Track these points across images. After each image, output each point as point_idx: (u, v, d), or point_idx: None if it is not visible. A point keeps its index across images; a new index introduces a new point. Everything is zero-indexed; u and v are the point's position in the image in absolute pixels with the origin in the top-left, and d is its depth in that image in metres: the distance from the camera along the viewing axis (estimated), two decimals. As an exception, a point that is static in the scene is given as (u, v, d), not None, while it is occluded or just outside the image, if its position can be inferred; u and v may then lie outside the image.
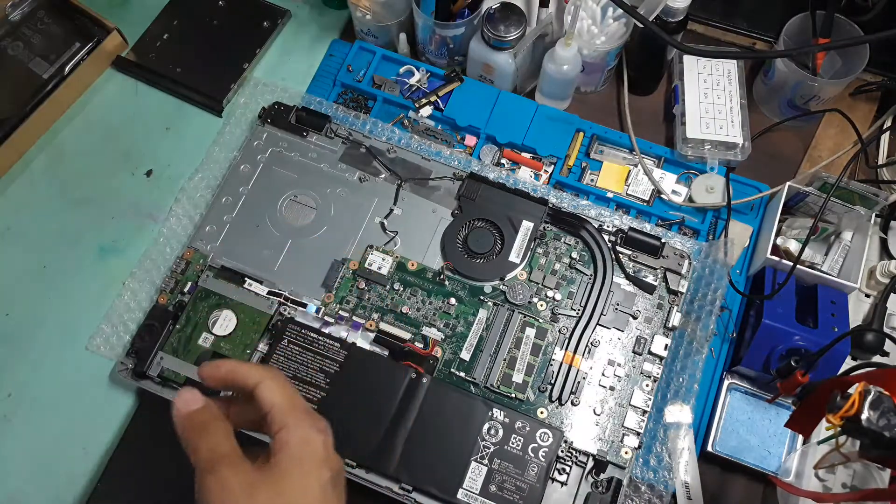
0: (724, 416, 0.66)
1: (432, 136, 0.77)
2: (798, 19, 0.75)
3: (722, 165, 0.74)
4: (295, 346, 0.65)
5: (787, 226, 0.71)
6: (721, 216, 0.73)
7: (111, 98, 0.82)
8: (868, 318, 0.69)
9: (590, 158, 0.77)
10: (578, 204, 0.71)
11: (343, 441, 0.61)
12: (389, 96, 0.79)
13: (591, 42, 0.76)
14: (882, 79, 0.79)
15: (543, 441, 0.61)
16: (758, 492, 0.66)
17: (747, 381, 0.67)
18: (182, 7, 0.87)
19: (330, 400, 0.63)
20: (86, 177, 0.78)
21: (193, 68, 0.83)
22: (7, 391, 0.69)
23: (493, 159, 0.76)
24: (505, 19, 0.73)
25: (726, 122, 0.75)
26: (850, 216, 0.69)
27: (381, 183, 0.72)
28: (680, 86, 0.77)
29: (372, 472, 0.61)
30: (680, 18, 0.73)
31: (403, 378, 0.63)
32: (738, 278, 0.71)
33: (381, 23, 0.79)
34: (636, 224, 0.70)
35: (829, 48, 0.76)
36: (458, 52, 0.80)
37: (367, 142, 0.73)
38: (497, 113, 0.77)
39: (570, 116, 0.78)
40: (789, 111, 0.78)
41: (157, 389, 0.65)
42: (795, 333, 0.62)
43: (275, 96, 0.77)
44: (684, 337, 0.66)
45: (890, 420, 0.42)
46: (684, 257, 0.68)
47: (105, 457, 0.67)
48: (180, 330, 0.66)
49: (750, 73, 0.81)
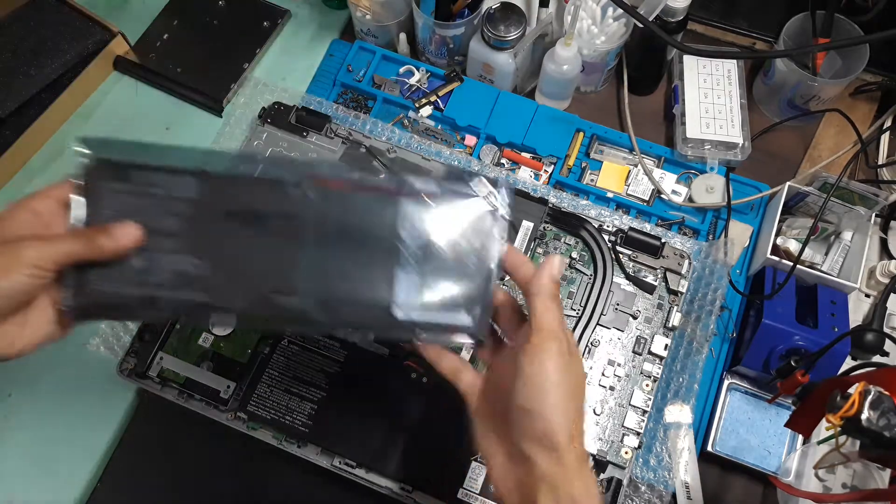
0: (724, 416, 0.66)
1: (432, 136, 0.77)
2: (798, 19, 0.75)
3: (722, 165, 0.74)
4: (295, 346, 0.65)
5: (787, 226, 0.71)
6: (721, 216, 0.73)
7: (111, 98, 0.82)
8: (868, 318, 0.69)
9: (590, 158, 0.77)
10: (578, 204, 0.71)
11: (343, 441, 0.62)
12: (389, 96, 0.79)
13: (591, 42, 0.76)
14: (882, 79, 0.78)
15: (543, 441, 0.61)
16: (758, 492, 0.66)
17: (747, 381, 0.67)
18: (182, 7, 0.87)
19: (330, 400, 0.63)
20: (86, 177, 0.78)
21: (193, 68, 0.83)
22: (7, 391, 0.69)
23: (493, 159, 0.76)
24: (505, 19, 0.73)
25: (726, 122, 0.75)
26: (850, 216, 0.69)
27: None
28: (680, 86, 0.77)
29: (372, 472, 0.61)
30: (680, 18, 0.73)
31: (403, 378, 0.63)
32: (738, 278, 0.71)
33: (381, 23, 0.79)
34: (636, 224, 0.70)
35: (829, 48, 0.76)
36: (458, 52, 0.80)
37: (367, 142, 0.73)
38: (497, 113, 0.77)
39: (570, 116, 0.78)
40: (789, 111, 0.78)
41: (157, 389, 0.65)
42: (795, 333, 0.62)
43: (275, 96, 0.77)
44: (684, 337, 0.66)
45: (890, 420, 0.42)
46: (684, 257, 0.68)
47: (105, 457, 0.67)
48: (180, 330, 0.66)
49: (750, 73, 0.81)
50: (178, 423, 0.67)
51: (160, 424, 0.68)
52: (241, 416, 0.63)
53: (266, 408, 0.63)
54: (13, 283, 0.39)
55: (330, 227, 0.45)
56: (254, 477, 0.67)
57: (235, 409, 0.63)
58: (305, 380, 0.63)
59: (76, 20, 0.80)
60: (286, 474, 0.66)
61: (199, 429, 0.65)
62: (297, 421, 0.62)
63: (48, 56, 0.78)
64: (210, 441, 0.67)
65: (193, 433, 0.67)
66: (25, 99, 0.77)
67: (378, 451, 0.61)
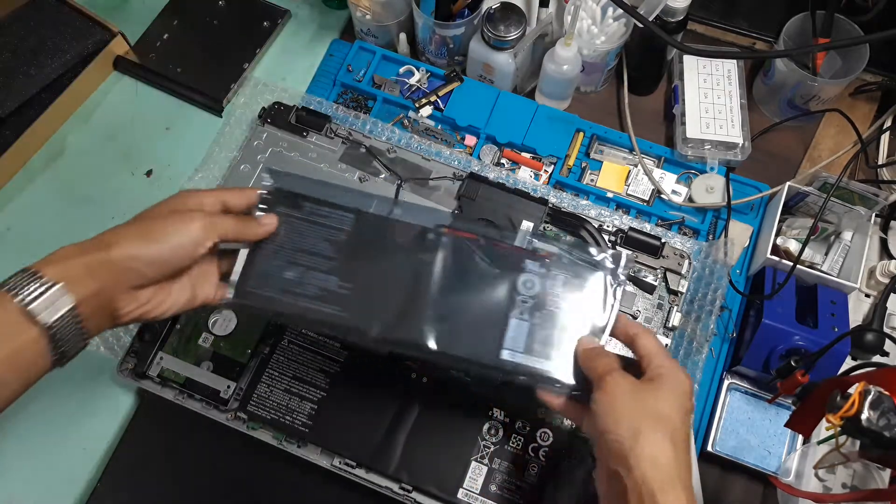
0: (724, 416, 0.66)
1: (432, 136, 0.77)
2: (798, 19, 0.75)
3: (722, 165, 0.74)
4: (295, 346, 0.65)
5: (787, 226, 0.71)
6: (721, 216, 0.73)
7: (111, 98, 0.82)
8: (868, 318, 0.69)
9: (590, 158, 0.77)
10: (578, 204, 0.71)
11: (343, 441, 0.62)
12: (389, 96, 0.79)
13: (591, 42, 0.76)
14: (882, 79, 0.78)
15: (543, 441, 0.61)
16: (758, 492, 0.66)
17: (747, 381, 0.67)
18: (182, 7, 0.87)
19: (330, 400, 0.63)
20: (86, 177, 0.78)
21: (193, 68, 0.83)
22: (7, 391, 0.69)
23: (493, 159, 0.76)
24: (505, 19, 0.73)
25: (726, 122, 0.75)
26: (850, 216, 0.69)
27: (381, 183, 0.72)
28: (680, 86, 0.77)
29: (372, 472, 0.61)
30: (680, 18, 0.73)
31: (403, 378, 0.63)
32: (738, 278, 0.71)
33: (381, 23, 0.79)
34: (636, 224, 0.70)
35: (829, 48, 0.76)
36: (458, 52, 0.80)
37: (367, 142, 0.73)
38: (497, 113, 0.77)
39: (570, 116, 0.78)
40: (789, 111, 0.78)
41: (157, 389, 0.65)
42: (795, 333, 0.62)
43: (275, 96, 0.77)
44: (684, 337, 0.66)
45: (890, 420, 0.42)
46: (684, 257, 0.68)
47: (105, 457, 0.67)
48: (180, 330, 0.66)
49: (750, 73, 0.81)
50: (178, 423, 0.67)
51: (160, 424, 0.68)
52: (241, 416, 0.63)
53: (266, 408, 0.63)
54: (187, 236, 0.48)
55: (455, 271, 0.52)
56: (254, 477, 0.67)
57: (235, 409, 0.63)
58: (305, 380, 0.63)
59: (76, 20, 0.80)
60: (286, 474, 0.66)
61: (199, 429, 0.65)
62: (297, 421, 0.62)
63: (48, 56, 0.78)
64: (210, 441, 0.67)
65: (193, 433, 0.67)
66: (25, 99, 0.77)
67: (378, 451, 0.61)
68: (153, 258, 0.47)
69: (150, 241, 0.47)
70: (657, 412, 0.46)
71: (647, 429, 0.45)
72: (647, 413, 0.46)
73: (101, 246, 0.46)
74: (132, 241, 0.47)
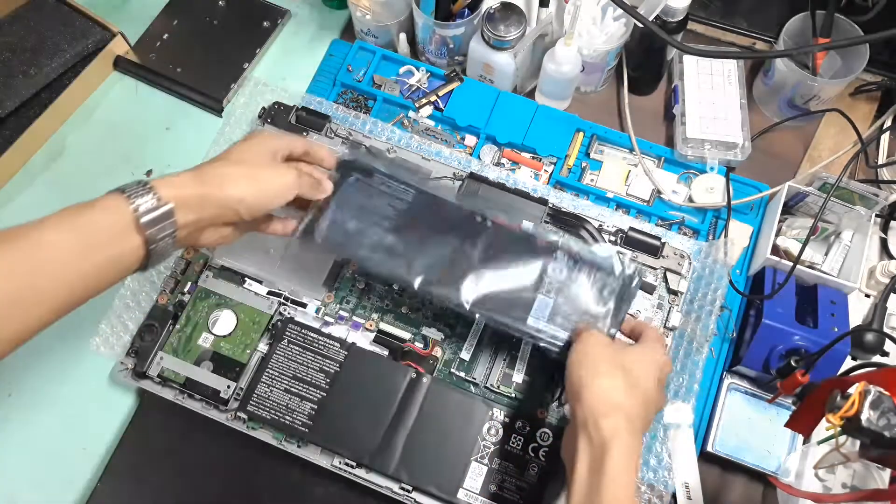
0: (724, 416, 0.66)
1: (432, 136, 0.77)
2: (798, 19, 0.75)
3: (722, 165, 0.74)
4: (295, 346, 0.65)
5: (787, 226, 0.71)
6: (721, 216, 0.73)
7: (111, 98, 0.82)
8: (868, 318, 0.69)
9: (590, 158, 0.77)
10: (578, 204, 0.71)
11: (343, 441, 0.62)
12: (389, 96, 0.79)
13: (591, 42, 0.76)
14: (882, 79, 0.79)
15: (543, 441, 0.61)
16: (758, 492, 0.66)
17: (747, 381, 0.67)
18: (182, 7, 0.87)
19: (330, 400, 0.63)
20: (85, 176, 0.78)
21: (193, 68, 0.83)
22: (7, 391, 0.69)
23: (493, 159, 0.76)
24: (505, 19, 0.73)
25: (726, 122, 0.75)
26: (850, 216, 0.69)
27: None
28: (680, 86, 0.77)
29: (372, 472, 0.61)
30: (680, 18, 0.73)
31: (403, 378, 0.63)
32: (738, 278, 0.71)
33: (381, 23, 0.79)
34: (636, 224, 0.70)
35: (829, 48, 0.76)
36: (458, 52, 0.80)
37: (367, 142, 0.73)
38: (497, 113, 0.77)
39: (570, 116, 0.78)
40: (789, 111, 0.78)
41: (157, 389, 0.65)
42: (795, 333, 0.62)
43: (275, 96, 0.77)
44: (684, 337, 0.66)
45: (890, 420, 0.42)
46: (684, 257, 0.68)
47: (105, 457, 0.67)
48: (180, 330, 0.66)
49: (750, 73, 0.81)
50: (178, 423, 0.67)
51: (160, 424, 0.68)
52: (241, 416, 0.63)
53: (266, 408, 0.63)
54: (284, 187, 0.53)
55: (496, 250, 0.60)
56: (254, 477, 0.67)
57: (235, 409, 0.63)
58: (305, 380, 0.63)
59: (76, 20, 0.80)
60: (286, 474, 0.66)
61: (199, 429, 0.65)
62: (297, 421, 0.62)
63: (48, 56, 0.78)
64: (210, 441, 0.67)
65: (193, 433, 0.67)
66: (25, 99, 0.77)
67: (378, 451, 0.61)
68: (256, 204, 0.51)
69: (257, 188, 0.51)
70: (622, 363, 0.52)
71: (606, 373, 0.50)
72: (613, 362, 0.52)
73: (214, 182, 0.49)
74: (242, 186, 0.50)
